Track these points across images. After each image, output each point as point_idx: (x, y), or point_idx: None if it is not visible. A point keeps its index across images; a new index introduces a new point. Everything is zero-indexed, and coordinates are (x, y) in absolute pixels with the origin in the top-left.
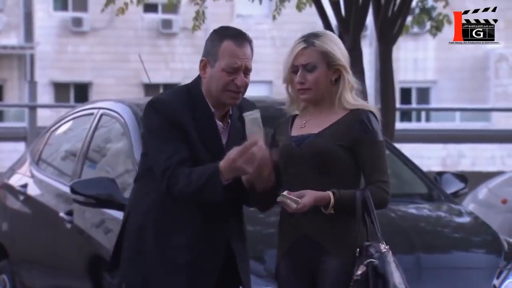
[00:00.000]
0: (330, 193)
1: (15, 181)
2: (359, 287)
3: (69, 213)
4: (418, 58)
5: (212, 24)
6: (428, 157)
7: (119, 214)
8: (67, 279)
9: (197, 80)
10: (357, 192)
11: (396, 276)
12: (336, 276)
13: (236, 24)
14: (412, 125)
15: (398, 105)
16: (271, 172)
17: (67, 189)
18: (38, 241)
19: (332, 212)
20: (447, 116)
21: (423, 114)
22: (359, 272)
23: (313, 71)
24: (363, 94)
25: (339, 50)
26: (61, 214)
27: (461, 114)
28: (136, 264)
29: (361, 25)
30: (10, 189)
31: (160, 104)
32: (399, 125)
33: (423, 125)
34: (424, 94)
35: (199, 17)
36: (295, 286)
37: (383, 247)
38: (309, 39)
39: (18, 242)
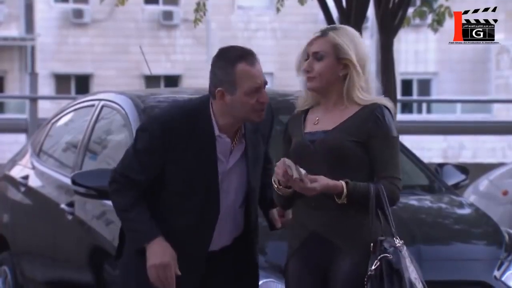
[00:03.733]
0: (343, 182)
1: (16, 172)
2: (373, 282)
3: (70, 204)
4: (419, 50)
5: (213, 16)
6: (429, 148)
7: None
8: (68, 271)
9: (207, 102)
10: (371, 185)
11: (412, 271)
12: (348, 273)
13: (237, 15)
14: (413, 116)
15: (399, 96)
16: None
17: (68, 181)
18: (39, 233)
19: (345, 202)
20: (448, 108)
21: (424, 105)
22: (373, 267)
23: (320, 60)
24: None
25: (352, 46)
26: (62, 206)
27: (462, 105)
28: (129, 265)
29: (362, 17)
30: (11, 180)
31: (161, 123)
32: (400, 116)
33: (424, 116)
34: (425, 85)
35: (200, 9)
36: (306, 283)
37: (398, 241)
38: (326, 30)
39: (19, 234)
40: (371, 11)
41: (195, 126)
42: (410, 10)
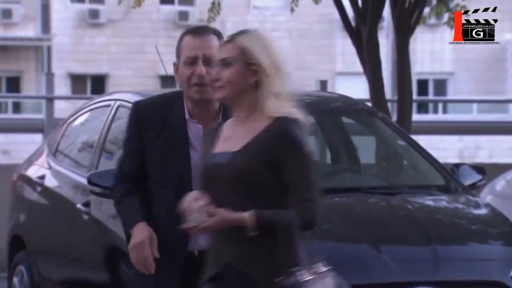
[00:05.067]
0: (247, 214)
1: (33, 172)
2: None
3: (86, 204)
4: (435, 49)
5: (228, 15)
6: (444, 148)
7: None
8: (84, 270)
9: None
10: (280, 212)
11: None
12: None
13: (252, 15)
14: (429, 116)
15: (415, 96)
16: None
17: (84, 181)
18: (55, 233)
19: (254, 235)
20: (464, 108)
21: (440, 105)
22: None
23: (228, 67)
24: (376, 87)
25: (263, 49)
26: (78, 206)
27: (478, 105)
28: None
29: (378, 17)
30: (28, 180)
31: (135, 108)
32: (416, 116)
33: (440, 116)
34: (441, 85)
35: (215, 8)
36: None
37: (311, 272)
38: (234, 34)
39: (35, 234)
40: (387, 11)
41: (170, 111)
42: (427, 10)
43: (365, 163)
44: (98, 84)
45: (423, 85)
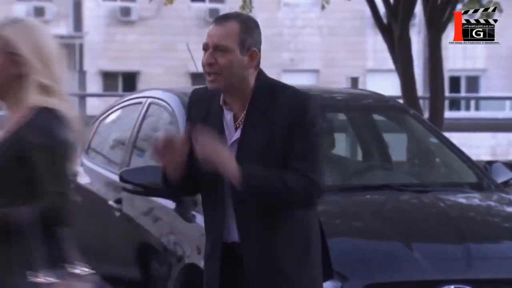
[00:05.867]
0: None
1: None
2: None
3: (118, 201)
4: (467, 46)
5: (259, 13)
6: (477, 146)
7: (167, 203)
8: (116, 267)
9: None
10: (24, 209)
11: None
12: None
13: (283, 12)
14: (461, 114)
15: (447, 93)
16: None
17: (116, 178)
18: (87, 229)
19: None
20: (496, 105)
21: (472, 103)
22: None
23: None
24: (408, 84)
25: (26, 39)
26: (110, 203)
27: (511, 103)
28: None
29: (410, 13)
30: None
31: (190, 94)
32: (448, 114)
33: (472, 114)
34: (473, 82)
35: (246, 6)
36: None
37: (56, 274)
38: (0, 24)
39: None
40: (418, 8)
41: (213, 98)
42: (459, 6)
43: (396, 160)
44: (129, 81)
45: (455, 82)
